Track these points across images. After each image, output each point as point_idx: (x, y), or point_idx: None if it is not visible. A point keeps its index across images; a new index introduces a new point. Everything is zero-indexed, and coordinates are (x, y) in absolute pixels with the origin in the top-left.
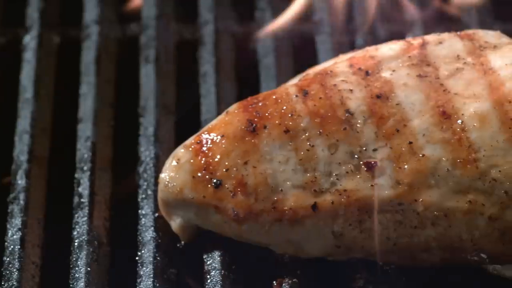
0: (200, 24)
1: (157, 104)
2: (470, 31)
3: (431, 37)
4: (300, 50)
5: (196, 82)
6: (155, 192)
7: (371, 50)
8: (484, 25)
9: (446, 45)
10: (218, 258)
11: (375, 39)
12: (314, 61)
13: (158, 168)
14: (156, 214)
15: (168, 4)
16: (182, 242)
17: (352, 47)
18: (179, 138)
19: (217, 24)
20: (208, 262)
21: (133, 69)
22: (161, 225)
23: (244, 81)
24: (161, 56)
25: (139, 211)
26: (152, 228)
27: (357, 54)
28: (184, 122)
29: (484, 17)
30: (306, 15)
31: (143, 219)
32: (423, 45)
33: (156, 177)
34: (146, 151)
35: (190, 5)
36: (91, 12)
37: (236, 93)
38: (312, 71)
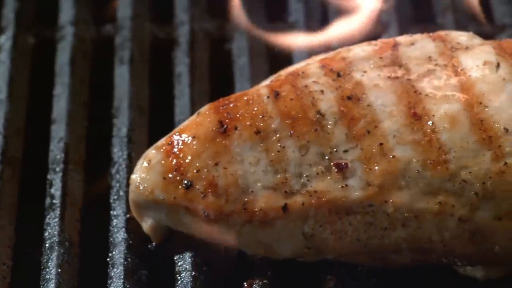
0: (176, 25)
1: (130, 105)
2: (442, 32)
3: (403, 38)
4: (275, 51)
5: (171, 83)
6: (127, 193)
7: (343, 51)
8: (459, 26)
9: (418, 46)
10: (189, 259)
11: (350, 41)
12: (288, 62)
13: (130, 169)
14: (128, 215)
15: (144, 4)
16: (154, 243)
17: (327, 48)
18: (153, 139)
19: (192, 25)
20: (179, 263)
21: (108, 70)
22: (132, 226)
23: (219, 82)
24: (135, 56)
25: (111, 212)
26: (124, 229)
27: (329, 55)
28: (158, 123)
29: (459, 18)
30: (282, 17)
31: (114, 220)
32: (395, 46)
33: (129, 178)
34: (119, 152)
35: (165, 5)
36: (66, 13)
37: (211, 94)
38: (284, 72)
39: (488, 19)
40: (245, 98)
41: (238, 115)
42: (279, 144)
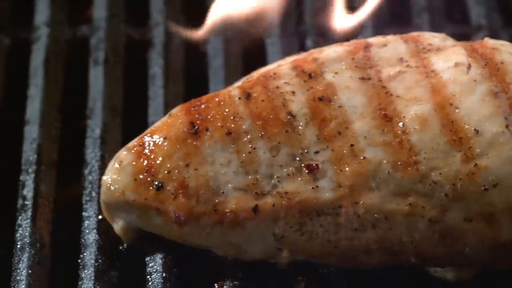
0: (150, 26)
1: (104, 106)
2: (415, 34)
3: (375, 40)
4: (250, 52)
5: (145, 84)
6: (99, 194)
7: (315, 52)
8: (435, 27)
9: (390, 48)
10: (160, 261)
11: (326, 42)
12: (263, 64)
13: (103, 171)
14: (100, 216)
15: (119, 6)
16: (125, 245)
17: (302, 49)
18: (126, 140)
19: (167, 26)
20: (150, 265)
21: (82, 71)
22: (104, 227)
23: (194, 83)
24: (110, 57)
25: (83, 213)
26: (95, 230)
27: (302, 56)
28: (132, 124)
29: (435, 19)
30: (256, 18)
31: (86, 222)
32: (367, 47)
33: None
34: (92, 153)
35: (141, 7)
36: (41, 14)
37: (185, 95)
38: (256, 74)
39: (464, 20)
40: (217, 99)
41: (209, 116)
42: (250, 145)
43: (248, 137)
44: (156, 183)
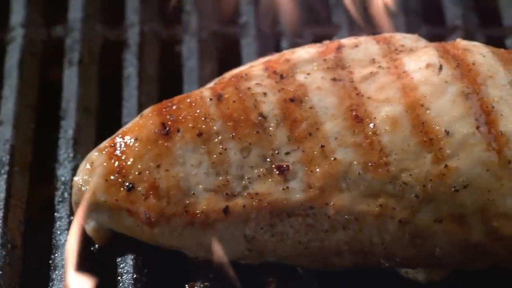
0: (126, 27)
1: (78, 106)
2: (387, 34)
3: (347, 40)
4: (225, 53)
5: (120, 85)
6: (71, 195)
7: (287, 53)
8: (411, 28)
9: (361, 48)
10: (131, 262)
11: (301, 43)
12: (238, 65)
13: (75, 171)
14: (72, 217)
15: (95, 6)
16: (96, 245)
17: (277, 50)
18: (100, 141)
19: (142, 26)
20: (121, 265)
21: (57, 72)
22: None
23: (168, 84)
24: (84, 58)
25: (55, 214)
26: (67, 231)
27: (274, 57)
28: (106, 125)
29: (411, 20)
30: (232, 18)
31: (58, 222)
32: (339, 48)
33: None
34: (65, 154)
35: (116, 7)
36: (17, 14)
37: (159, 96)
38: (228, 75)
39: (440, 20)
40: (188, 100)
41: (180, 117)
42: (221, 147)
43: (219, 138)
44: (127, 184)
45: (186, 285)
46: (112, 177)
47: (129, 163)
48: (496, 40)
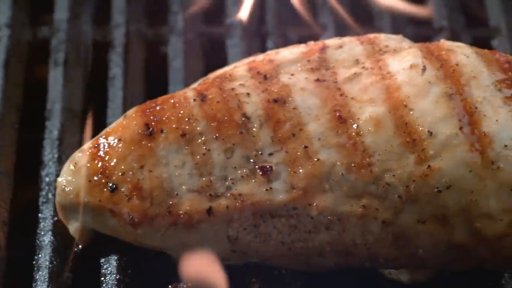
0: (111, 27)
1: (63, 107)
2: (371, 35)
3: (331, 41)
4: (211, 54)
5: (105, 85)
6: (55, 196)
7: (271, 54)
8: (398, 29)
9: (345, 49)
10: (114, 263)
11: (287, 43)
12: (224, 65)
13: (60, 172)
14: (55, 218)
15: (81, 7)
16: (80, 246)
17: (263, 51)
18: (85, 142)
19: (128, 27)
20: (105, 266)
21: (43, 72)
22: (59, 229)
23: (154, 85)
24: (70, 59)
25: (39, 214)
26: (51, 232)
27: (258, 57)
28: (91, 126)
29: (397, 21)
30: (218, 19)
31: (42, 223)
32: (323, 49)
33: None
34: (50, 155)
35: (102, 8)
36: (3, 15)
37: (144, 97)
38: (212, 75)
39: (426, 21)
40: (172, 101)
41: (164, 118)
42: (204, 147)
43: (203, 138)
44: (110, 184)
45: (169, 286)
46: (95, 178)
47: (112, 163)
48: (482, 40)
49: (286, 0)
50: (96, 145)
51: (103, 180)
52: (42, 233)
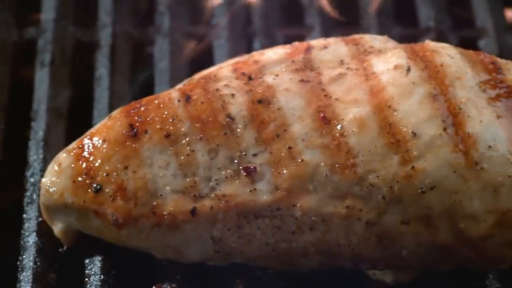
0: (98, 28)
1: (49, 108)
2: (357, 36)
3: (316, 42)
4: (197, 54)
5: (92, 86)
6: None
7: (256, 54)
8: (384, 29)
9: (330, 50)
10: (99, 263)
11: (274, 44)
12: (210, 66)
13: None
14: (40, 219)
15: (67, 8)
16: (65, 247)
17: (249, 52)
18: (70, 143)
19: (115, 28)
20: (89, 267)
21: (29, 73)
22: (44, 229)
23: (140, 85)
24: (56, 59)
25: (24, 215)
26: (35, 232)
27: (243, 58)
28: (76, 126)
29: (384, 21)
30: (204, 20)
31: (26, 224)
32: (308, 49)
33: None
34: (35, 155)
35: (89, 9)
36: None
37: (130, 98)
38: (197, 76)
39: (412, 21)
40: (156, 101)
41: (148, 119)
42: (188, 148)
43: (187, 139)
44: (95, 185)
45: (154, 287)
46: (79, 179)
47: (96, 164)
48: (468, 41)
49: (273, 0)
50: (80, 146)
51: (88, 181)
52: (27, 233)
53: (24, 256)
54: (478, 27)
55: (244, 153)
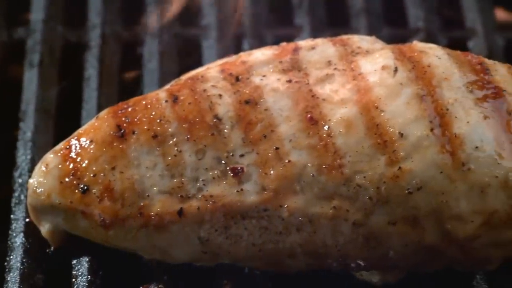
0: (87, 28)
1: (37, 108)
2: (345, 36)
3: (304, 43)
4: (186, 55)
5: (80, 86)
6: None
7: (244, 55)
8: (374, 30)
9: (318, 51)
10: (86, 264)
11: (263, 44)
12: (199, 66)
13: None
14: (27, 219)
15: (57, 8)
16: (52, 248)
17: (238, 52)
18: (58, 143)
19: (104, 28)
20: (76, 268)
21: (19, 73)
22: (31, 230)
23: (129, 86)
24: (45, 60)
25: (11, 216)
26: (22, 233)
27: (231, 59)
28: (65, 127)
29: (373, 22)
30: (194, 20)
31: (14, 224)
32: (296, 50)
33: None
34: (23, 156)
35: (79, 9)
36: None
37: (119, 98)
38: (184, 76)
39: (402, 22)
40: (144, 102)
41: (136, 119)
42: (176, 149)
43: (174, 140)
44: (82, 186)
45: (141, 287)
46: (67, 179)
47: (84, 165)
48: (458, 41)
49: (262, 1)
50: (67, 147)
51: (75, 182)
52: (14, 234)
53: (11, 257)
54: (467, 27)
55: (231, 154)
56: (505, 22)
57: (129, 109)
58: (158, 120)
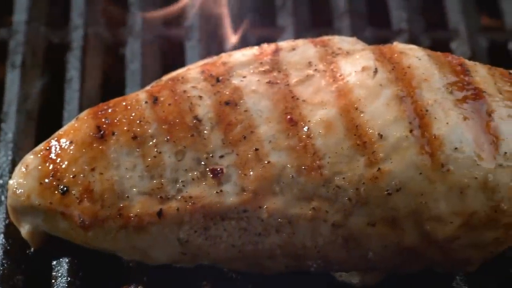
0: (70, 29)
1: (19, 109)
2: (326, 37)
3: (285, 43)
4: (169, 56)
5: (62, 88)
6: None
7: (224, 56)
8: (357, 31)
9: (299, 52)
10: (66, 265)
11: (245, 45)
12: (182, 67)
13: None
14: (7, 221)
15: (40, 9)
16: (32, 249)
17: (221, 53)
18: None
19: (86, 29)
20: (56, 269)
21: (0, 74)
22: (11, 231)
23: (111, 87)
24: (27, 61)
25: None
26: (2, 234)
27: (211, 60)
28: (47, 128)
29: (356, 23)
30: (177, 21)
31: None
32: (276, 51)
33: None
34: (4, 157)
35: (62, 10)
36: None
37: (101, 99)
38: (165, 77)
39: (385, 23)
40: (124, 103)
41: (116, 120)
42: (155, 150)
43: (154, 141)
44: (61, 187)
45: None
46: (46, 180)
47: (63, 166)
48: (441, 43)
49: (245, 2)
50: (47, 148)
51: (54, 183)
52: None
53: None
54: (450, 29)
55: (211, 155)
56: (488, 24)
57: (109, 110)
58: (138, 121)
